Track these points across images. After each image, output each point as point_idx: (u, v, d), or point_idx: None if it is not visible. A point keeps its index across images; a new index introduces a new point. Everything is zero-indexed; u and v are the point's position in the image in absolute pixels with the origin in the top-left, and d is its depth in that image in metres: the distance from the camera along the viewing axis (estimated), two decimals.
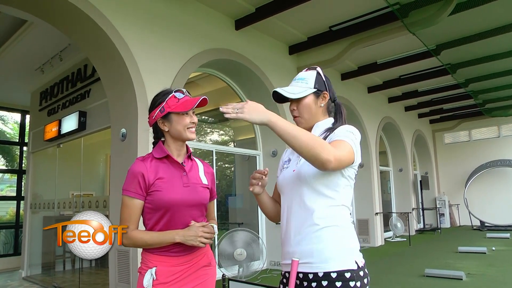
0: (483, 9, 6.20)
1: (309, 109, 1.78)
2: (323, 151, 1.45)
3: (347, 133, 1.63)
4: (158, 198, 1.80)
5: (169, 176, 1.85)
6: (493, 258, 7.53)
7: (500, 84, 10.33)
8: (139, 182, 1.80)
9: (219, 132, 8.59)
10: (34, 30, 6.14)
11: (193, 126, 1.89)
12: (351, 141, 1.60)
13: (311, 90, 1.77)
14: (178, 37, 5.59)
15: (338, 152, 1.51)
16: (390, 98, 12.09)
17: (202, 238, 1.79)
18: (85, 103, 6.51)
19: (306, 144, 1.46)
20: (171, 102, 1.86)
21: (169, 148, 1.91)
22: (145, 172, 1.81)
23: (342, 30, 7.00)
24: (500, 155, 14.17)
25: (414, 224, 12.85)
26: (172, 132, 1.88)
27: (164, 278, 1.79)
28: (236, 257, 5.24)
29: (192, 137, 1.89)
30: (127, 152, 4.88)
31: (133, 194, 1.80)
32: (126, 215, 1.81)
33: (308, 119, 1.79)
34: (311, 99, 1.78)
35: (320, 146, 1.46)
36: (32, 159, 8.17)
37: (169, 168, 1.87)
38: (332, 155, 1.46)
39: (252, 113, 1.52)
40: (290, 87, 1.80)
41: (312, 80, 1.78)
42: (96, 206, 6.02)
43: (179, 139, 1.90)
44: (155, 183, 1.81)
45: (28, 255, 7.69)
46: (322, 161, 1.45)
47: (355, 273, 1.55)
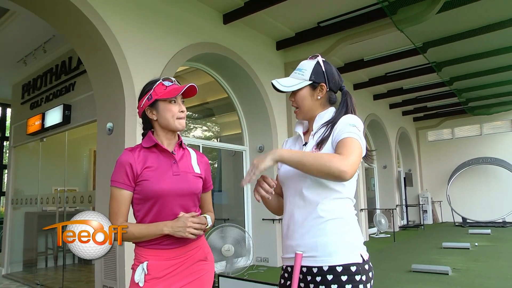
0: (469, 8, 6.30)
1: (305, 101, 1.74)
2: (332, 166, 1.43)
3: (349, 128, 1.58)
4: (147, 187, 1.74)
5: (158, 165, 1.79)
6: (477, 254, 7.66)
7: (483, 83, 10.51)
8: (126, 172, 1.75)
9: (203, 127, 8.52)
10: (17, 20, 5.97)
11: (182, 116, 1.83)
12: (356, 135, 1.56)
13: (306, 82, 1.72)
14: (166, 30, 5.51)
15: (349, 157, 1.47)
16: (375, 96, 12.17)
17: (191, 229, 1.72)
18: (70, 96, 6.37)
19: (314, 167, 1.46)
20: (158, 89, 1.81)
21: (158, 138, 1.85)
22: (132, 162, 1.76)
23: (330, 26, 6.99)
24: (482, 153, 14.42)
25: (398, 221, 12.99)
26: (160, 121, 1.83)
27: (157, 272, 1.72)
28: (223, 252, 5.19)
29: (180, 127, 1.83)
30: (114, 146, 4.78)
31: (121, 185, 1.75)
32: (115, 207, 1.75)
33: (306, 111, 1.75)
34: (307, 92, 1.74)
35: (328, 162, 1.44)
36: (14, 154, 7.97)
37: (158, 157, 1.82)
38: (343, 165, 1.43)
39: (262, 162, 1.53)
40: (287, 79, 1.76)
41: (309, 71, 1.73)
42: (80, 201, 5.91)
43: (167, 129, 1.84)
44: (143, 172, 1.75)
45: (9, 252, 7.50)
46: (336, 175, 1.43)
47: (360, 267, 1.52)
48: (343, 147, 1.52)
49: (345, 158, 1.46)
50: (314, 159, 1.47)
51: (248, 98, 7.42)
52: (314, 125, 1.74)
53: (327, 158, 1.46)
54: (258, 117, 7.45)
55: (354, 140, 1.54)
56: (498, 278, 5.60)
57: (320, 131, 1.70)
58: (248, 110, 7.56)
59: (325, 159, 1.46)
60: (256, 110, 7.42)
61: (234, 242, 5.13)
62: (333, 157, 1.46)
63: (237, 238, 5.15)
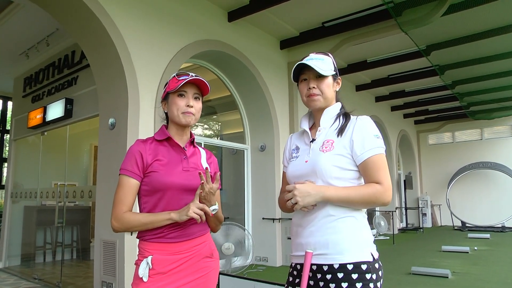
0: (474, 12, 6.29)
1: (329, 89, 1.73)
2: (378, 200, 1.54)
3: (375, 142, 1.60)
4: (156, 179, 1.71)
5: (169, 159, 1.77)
6: (476, 258, 7.64)
7: (485, 88, 10.50)
8: (136, 161, 1.73)
9: (205, 125, 8.49)
10: (20, 13, 5.94)
11: (188, 111, 1.79)
12: (383, 149, 1.61)
13: (331, 71, 1.73)
14: (171, 26, 5.49)
15: (387, 184, 1.57)
16: (377, 97, 12.17)
17: (195, 208, 1.65)
18: (72, 90, 6.34)
19: (360, 203, 1.55)
20: (171, 82, 1.81)
21: (171, 132, 1.85)
22: (143, 152, 1.75)
23: (335, 27, 6.99)
24: (482, 158, 14.42)
25: (397, 223, 12.98)
26: (170, 115, 1.84)
27: (162, 267, 1.68)
28: (223, 250, 5.18)
29: (184, 121, 1.80)
30: (116, 141, 4.76)
31: (129, 173, 1.72)
32: (121, 195, 1.71)
33: (327, 99, 1.73)
34: (331, 81, 1.74)
35: (373, 197, 1.54)
36: (14, 147, 7.95)
37: (169, 151, 1.81)
38: (387, 196, 1.55)
39: (305, 198, 1.53)
40: (316, 62, 1.69)
41: (331, 63, 1.74)
42: (80, 196, 5.87)
43: (175, 122, 1.83)
44: (153, 164, 1.74)
45: (7, 245, 7.47)
46: (384, 204, 1.56)
47: (371, 265, 1.51)
48: (377, 170, 1.58)
49: (385, 186, 1.56)
50: (359, 196, 1.54)
51: (250, 97, 7.41)
52: (322, 120, 1.72)
53: (371, 193, 1.54)
54: (260, 116, 7.44)
55: (382, 157, 1.60)
56: (497, 282, 5.58)
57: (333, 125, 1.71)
58: (250, 109, 7.54)
59: (370, 193, 1.54)
60: (258, 109, 7.41)
61: (235, 242, 5.12)
62: (376, 191, 1.54)
63: (238, 238, 5.15)
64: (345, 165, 1.60)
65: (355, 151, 1.59)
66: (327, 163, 1.58)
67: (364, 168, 1.59)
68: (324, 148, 1.63)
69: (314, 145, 1.70)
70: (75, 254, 8.09)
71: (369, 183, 1.58)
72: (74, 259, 7.91)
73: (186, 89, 1.80)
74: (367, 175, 1.58)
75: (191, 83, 1.80)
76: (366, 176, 1.59)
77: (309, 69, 1.69)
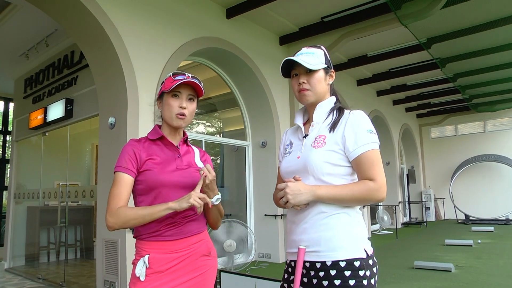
0: (474, 4, 6.23)
1: (320, 83, 1.70)
2: (371, 198, 1.53)
3: (369, 137, 1.58)
4: (150, 177, 1.71)
5: (162, 157, 1.77)
6: (480, 251, 7.62)
7: (487, 80, 10.42)
8: (130, 158, 1.72)
9: (206, 123, 8.48)
10: (18, 14, 5.94)
11: (180, 112, 1.78)
12: (376, 144, 1.59)
13: (322, 65, 1.70)
14: (169, 24, 5.48)
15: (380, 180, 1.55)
16: (378, 92, 12.11)
17: (196, 197, 1.62)
18: (72, 90, 6.35)
19: (352, 201, 1.54)
20: (167, 82, 1.80)
21: (164, 131, 1.84)
22: (136, 149, 1.74)
23: (334, 21, 6.95)
24: (485, 150, 14.36)
25: (400, 217, 12.96)
26: (163, 115, 1.83)
27: (159, 266, 1.67)
28: (225, 248, 5.19)
29: (175, 123, 1.79)
30: (116, 141, 4.77)
31: (124, 170, 1.71)
32: (116, 190, 1.69)
33: (319, 94, 1.70)
34: (322, 75, 1.71)
35: (366, 194, 1.52)
36: (16, 148, 7.98)
37: (163, 150, 1.80)
38: (381, 193, 1.53)
39: (297, 197, 1.52)
40: (304, 57, 1.68)
41: (322, 56, 1.72)
42: (82, 196, 5.89)
43: (169, 124, 1.82)
44: (147, 162, 1.73)
45: (11, 246, 7.51)
46: (378, 201, 1.55)
47: (364, 262, 1.50)
48: (370, 166, 1.55)
49: (379, 183, 1.53)
50: (351, 194, 1.52)
51: (251, 93, 7.39)
52: (315, 115, 1.71)
53: (364, 190, 1.52)
54: (261, 112, 7.43)
55: (376, 153, 1.58)
56: (501, 276, 5.56)
57: (326, 120, 1.68)
58: (251, 105, 7.53)
59: (363, 191, 1.52)
60: (259, 105, 7.40)
61: (237, 239, 5.12)
62: (369, 188, 1.52)
63: (240, 236, 5.15)
64: (337, 161, 1.57)
65: (347, 147, 1.57)
66: (318, 159, 1.56)
67: (357, 165, 1.56)
68: (316, 144, 1.61)
69: (306, 140, 1.68)
70: (78, 253, 8.13)
71: (362, 179, 1.55)
72: (77, 259, 7.95)
73: (181, 90, 1.78)
74: (360, 172, 1.56)
75: (186, 84, 1.79)
76: (359, 172, 1.57)
77: (299, 64, 1.66)
